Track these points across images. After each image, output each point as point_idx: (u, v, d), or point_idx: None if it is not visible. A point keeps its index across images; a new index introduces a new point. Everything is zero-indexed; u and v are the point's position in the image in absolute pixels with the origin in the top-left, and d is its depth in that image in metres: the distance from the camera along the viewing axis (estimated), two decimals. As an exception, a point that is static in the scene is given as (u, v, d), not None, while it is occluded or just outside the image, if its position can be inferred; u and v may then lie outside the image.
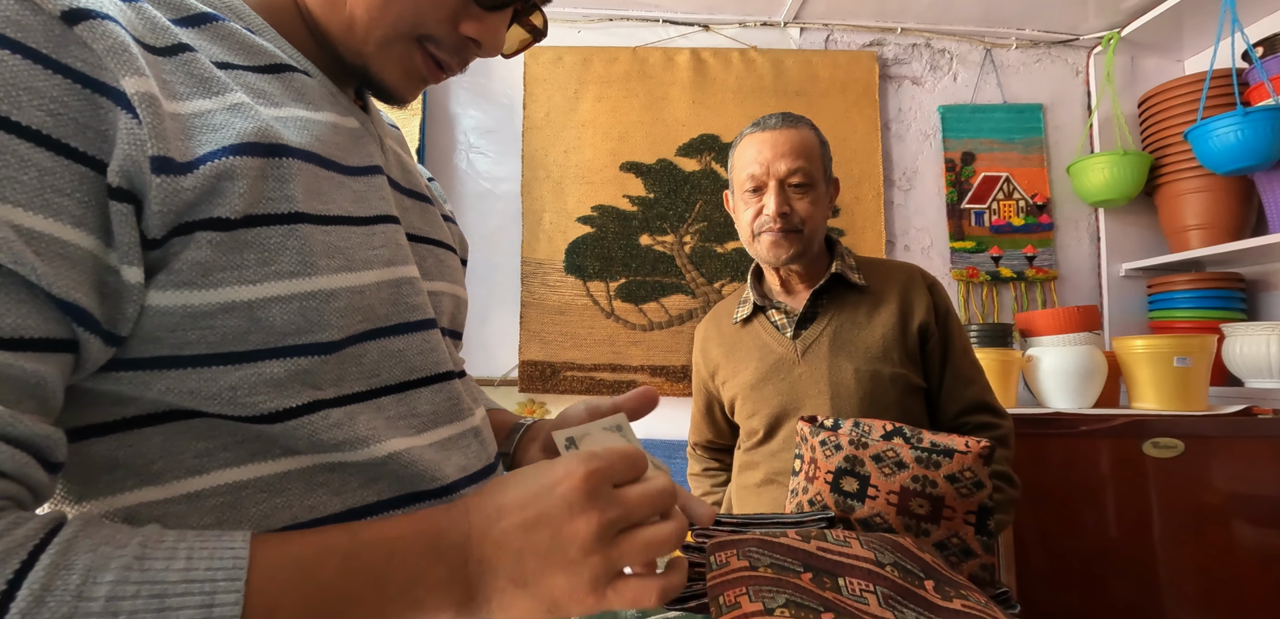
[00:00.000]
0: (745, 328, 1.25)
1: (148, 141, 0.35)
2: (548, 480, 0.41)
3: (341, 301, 0.42)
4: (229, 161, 0.38)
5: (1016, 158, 2.16)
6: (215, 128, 0.38)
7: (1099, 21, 2.11)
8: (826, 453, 0.91)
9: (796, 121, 1.16)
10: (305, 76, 0.47)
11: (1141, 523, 1.51)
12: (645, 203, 2.07)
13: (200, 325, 0.37)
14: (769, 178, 1.13)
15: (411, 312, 0.48)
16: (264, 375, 0.39)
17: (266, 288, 0.39)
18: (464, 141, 2.10)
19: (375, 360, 0.45)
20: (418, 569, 0.38)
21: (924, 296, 1.16)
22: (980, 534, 0.87)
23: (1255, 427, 1.47)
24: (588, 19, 2.11)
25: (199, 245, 0.37)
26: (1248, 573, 1.43)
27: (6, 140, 0.31)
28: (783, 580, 0.59)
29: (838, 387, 1.11)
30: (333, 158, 0.46)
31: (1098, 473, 1.56)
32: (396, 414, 0.46)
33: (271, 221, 0.39)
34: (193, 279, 0.37)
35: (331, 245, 0.42)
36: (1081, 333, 1.74)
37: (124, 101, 0.34)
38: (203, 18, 0.43)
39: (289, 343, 0.40)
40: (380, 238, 0.47)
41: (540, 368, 2.01)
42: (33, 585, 0.29)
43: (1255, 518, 1.44)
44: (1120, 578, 1.51)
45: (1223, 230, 1.86)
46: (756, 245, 1.17)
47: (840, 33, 2.18)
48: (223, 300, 0.37)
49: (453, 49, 0.50)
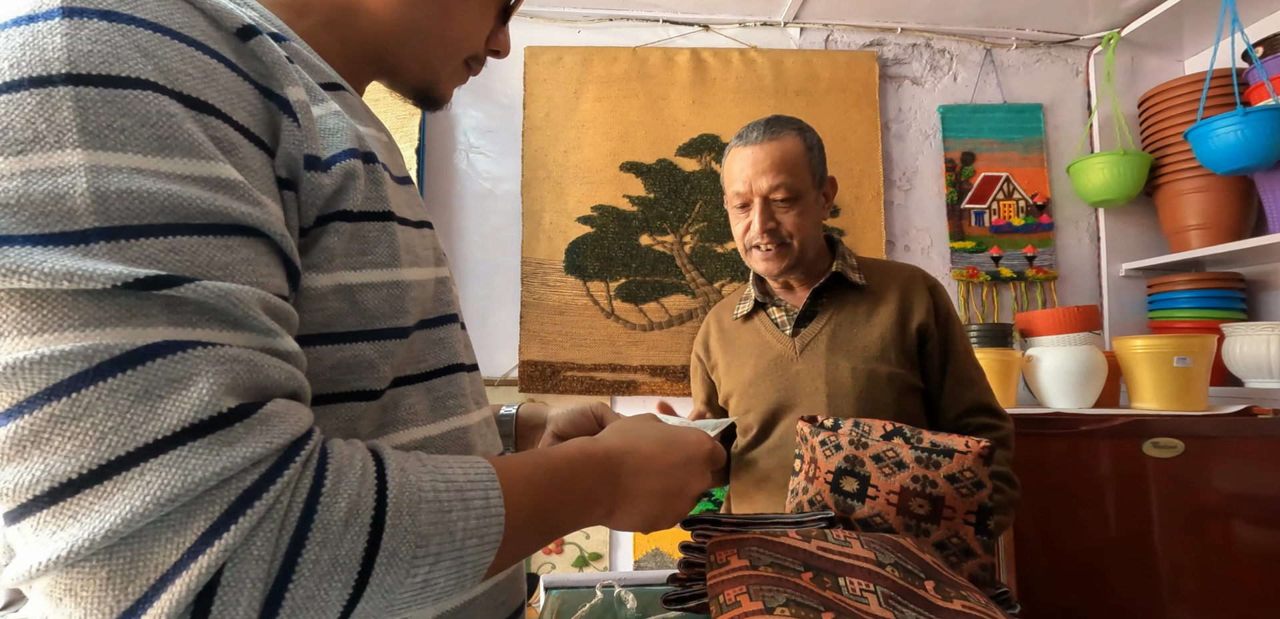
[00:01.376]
0: (746, 324, 1.25)
1: (303, 141, 0.40)
2: (685, 440, 0.58)
3: (414, 292, 0.47)
4: (353, 163, 0.43)
5: (1016, 158, 2.16)
6: (334, 130, 0.43)
7: (1099, 21, 2.11)
8: (826, 453, 0.91)
9: (780, 131, 1.13)
10: (349, 93, 0.51)
11: (1141, 523, 1.51)
12: (645, 203, 2.07)
13: (313, 306, 0.41)
14: (753, 195, 1.13)
15: (447, 306, 0.53)
16: (360, 356, 0.43)
17: (365, 274, 0.43)
18: (464, 141, 2.10)
19: (422, 348, 0.49)
20: (590, 485, 0.50)
21: (924, 298, 1.16)
22: (980, 534, 0.87)
23: (1255, 427, 1.47)
24: (588, 19, 2.11)
25: (330, 234, 0.41)
26: (1248, 573, 1.43)
27: (237, 137, 0.36)
28: (783, 580, 0.59)
29: (834, 385, 1.12)
30: (389, 167, 0.50)
31: (1098, 473, 1.56)
32: (445, 394, 0.51)
33: (374, 218, 0.44)
34: (319, 263, 0.41)
35: (407, 243, 0.47)
36: (1081, 333, 1.74)
37: (287, 107, 0.39)
38: (277, 37, 0.45)
39: (378, 326, 0.44)
40: (427, 240, 0.52)
41: (540, 368, 2.01)
42: (394, 478, 0.37)
43: (1255, 518, 1.44)
44: (1120, 578, 1.51)
45: (1223, 230, 1.86)
46: (750, 259, 1.18)
47: (840, 33, 2.18)
48: (334, 283, 0.42)
49: (481, 61, 0.60)
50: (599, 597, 1.03)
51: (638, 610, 0.98)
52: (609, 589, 1.05)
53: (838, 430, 0.93)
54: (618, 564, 1.98)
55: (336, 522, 0.33)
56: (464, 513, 0.39)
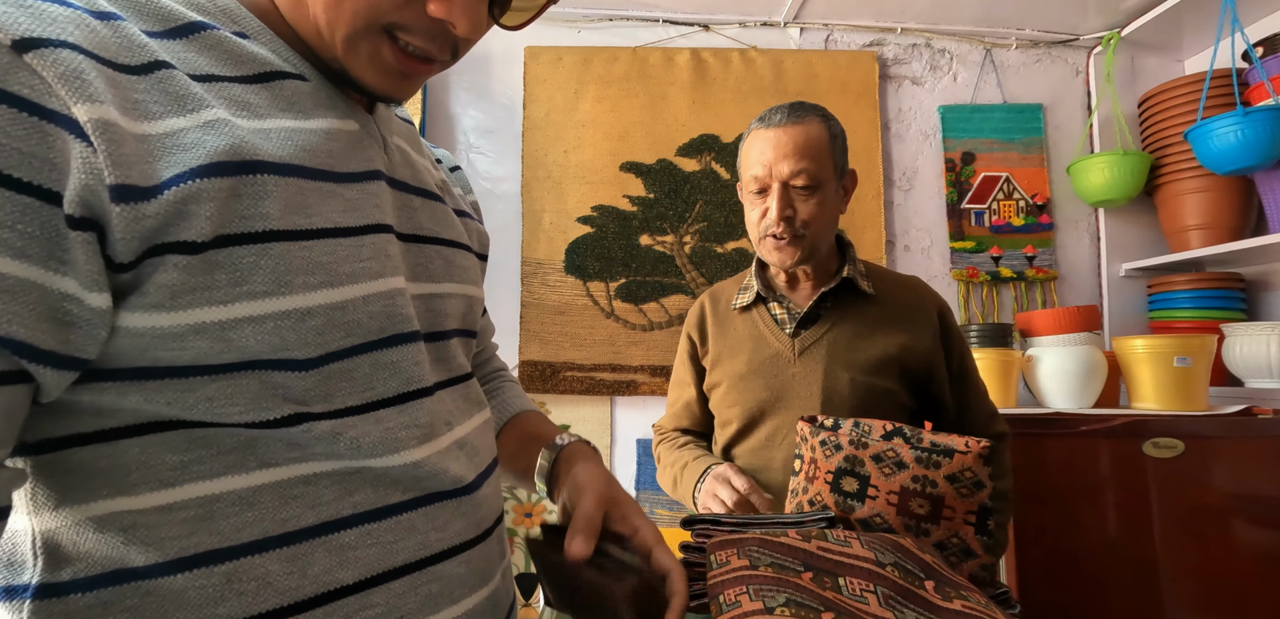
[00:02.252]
0: (743, 315, 1.21)
1: (104, 170, 0.34)
2: None
3: (319, 319, 0.42)
4: (196, 185, 0.37)
5: (1016, 158, 2.16)
6: (186, 147, 0.37)
7: (1099, 21, 2.11)
8: (826, 453, 0.91)
9: (804, 115, 1.09)
10: (299, 81, 0.46)
11: (1141, 523, 1.51)
12: (645, 203, 2.07)
13: (171, 345, 0.37)
14: (772, 180, 1.08)
15: (403, 323, 0.48)
16: (240, 388, 0.40)
17: (238, 309, 0.38)
18: (464, 141, 2.10)
19: (367, 374, 0.45)
20: None
21: (933, 323, 1.13)
22: (980, 534, 0.87)
23: (1255, 427, 1.47)
24: (588, 19, 2.11)
25: (167, 268, 0.36)
26: (1248, 573, 1.43)
27: None
28: (783, 580, 0.59)
29: (831, 393, 1.09)
30: (322, 167, 0.45)
31: (1098, 473, 1.56)
32: (397, 424, 0.46)
33: (245, 241, 0.39)
34: (161, 302, 0.36)
35: (312, 262, 0.42)
36: (1081, 333, 1.74)
37: (76, 129, 0.33)
38: (191, 27, 0.43)
39: (263, 358, 0.40)
40: (369, 248, 0.46)
41: (540, 368, 2.01)
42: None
43: (1255, 518, 1.44)
44: (1120, 578, 1.51)
45: (1223, 230, 1.86)
46: (763, 248, 1.14)
47: (840, 33, 2.18)
48: (192, 322, 0.37)
49: (426, 34, 0.45)
50: (599, 597, 1.03)
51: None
52: (609, 589, 1.05)
53: (838, 430, 0.93)
54: (618, 564, 1.98)
55: None
56: None
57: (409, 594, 0.46)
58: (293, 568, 0.41)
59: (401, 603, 0.45)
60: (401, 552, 0.46)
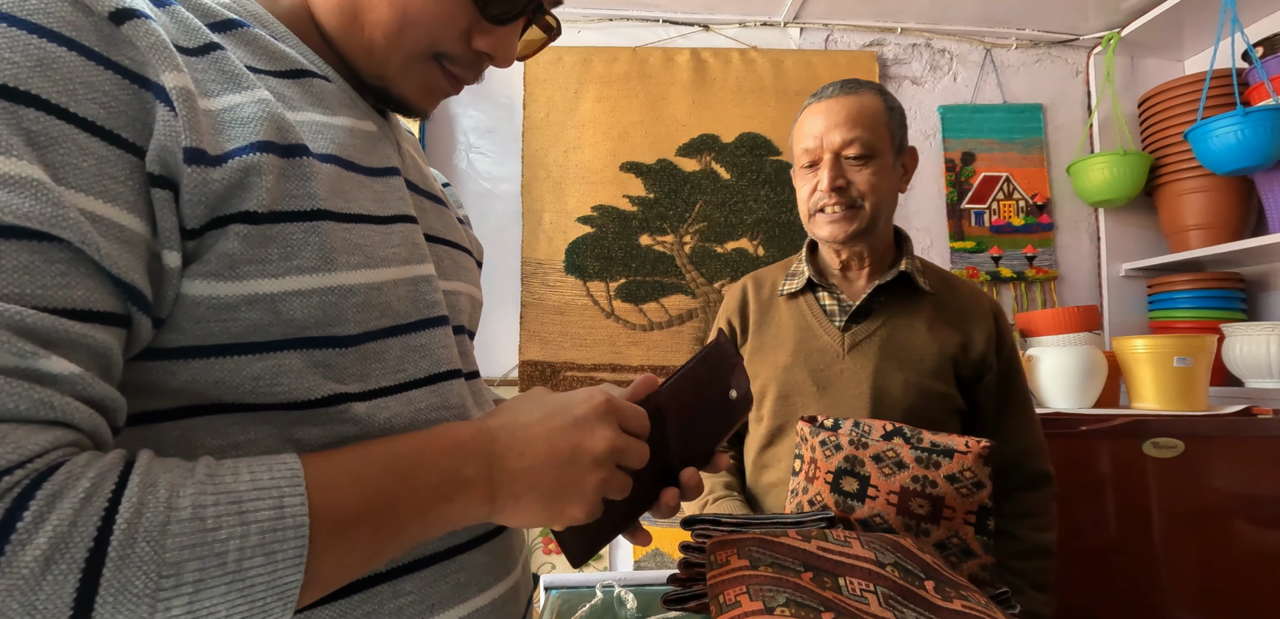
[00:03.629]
0: (789, 303, 1.13)
1: (182, 133, 0.37)
2: (570, 400, 0.47)
3: (359, 297, 0.44)
4: (256, 158, 0.39)
5: (1016, 158, 2.16)
6: (244, 121, 0.40)
7: (1099, 21, 2.11)
8: (826, 453, 0.91)
9: (857, 88, 1.05)
10: (325, 82, 0.49)
11: (1141, 523, 1.51)
12: (645, 203, 2.07)
13: (225, 316, 0.39)
14: (824, 150, 1.03)
15: (430, 308, 0.50)
16: (284, 366, 0.41)
17: (288, 282, 0.40)
18: (464, 141, 2.10)
19: (398, 356, 0.47)
20: (445, 470, 0.42)
21: (988, 324, 1.08)
22: (980, 534, 0.87)
23: (1255, 426, 1.47)
24: (588, 19, 2.11)
25: (229, 238, 0.38)
26: (1248, 573, 1.43)
27: (69, 130, 0.34)
28: (783, 579, 0.59)
29: (881, 393, 1.02)
30: (352, 159, 0.47)
31: (1098, 473, 1.56)
32: (428, 404, 0.48)
33: (295, 218, 0.41)
34: (221, 270, 0.38)
35: (352, 243, 0.44)
36: (1081, 333, 1.74)
37: (163, 95, 0.37)
38: (229, 24, 0.45)
39: (308, 334, 0.41)
40: (397, 236, 0.48)
41: (540, 368, 2.01)
42: (130, 498, 0.32)
43: (1255, 518, 1.44)
44: (1120, 578, 1.51)
45: (1223, 230, 1.86)
46: (814, 225, 1.07)
47: (840, 33, 2.18)
48: (248, 292, 0.39)
49: (467, 64, 0.52)
50: (599, 597, 1.04)
51: (638, 610, 0.98)
52: (609, 589, 1.05)
53: (838, 430, 0.93)
54: (618, 564, 1.98)
55: (29, 562, 0.28)
56: (240, 528, 0.33)
57: (439, 582, 0.47)
58: None
59: (432, 591, 0.46)
60: (431, 541, 0.46)
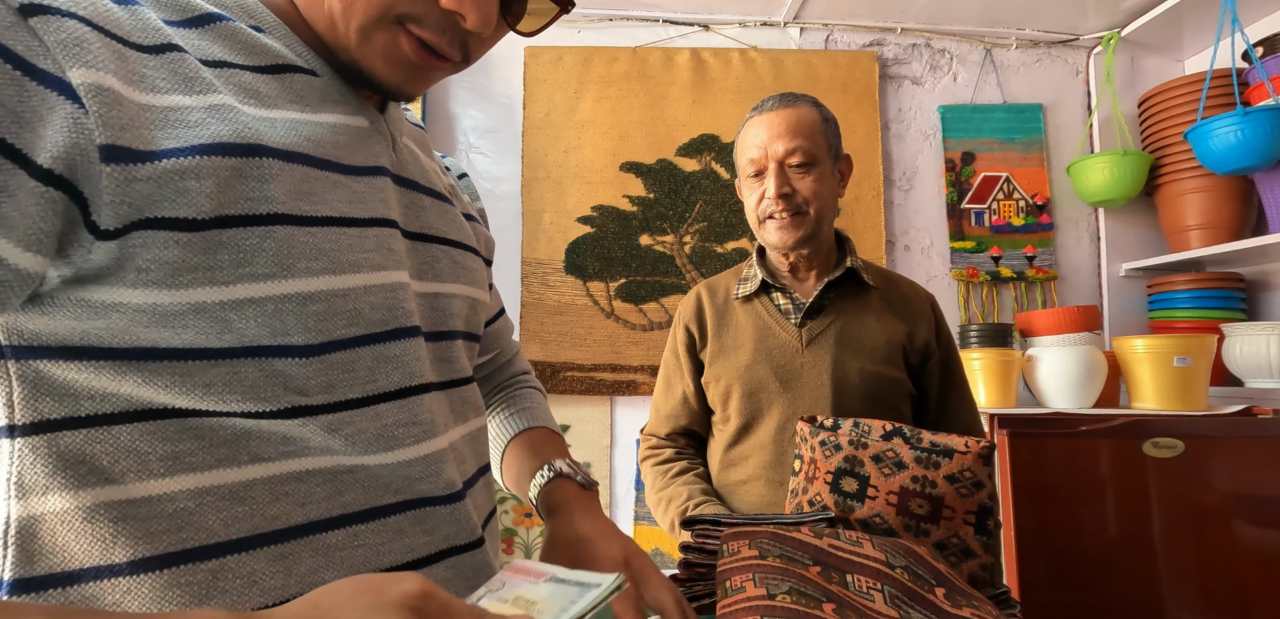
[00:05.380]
0: (745, 305, 1.19)
1: (95, 130, 0.35)
2: (380, 582, 0.33)
3: (320, 305, 0.42)
4: (195, 161, 0.37)
5: (1016, 158, 2.16)
6: (189, 125, 0.38)
7: (1099, 21, 2.11)
8: (826, 453, 0.91)
9: (795, 100, 1.13)
10: (310, 76, 0.47)
11: (1141, 523, 1.51)
12: (645, 203, 2.07)
13: (171, 325, 0.37)
14: (768, 160, 1.10)
15: (405, 317, 0.48)
16: (239, 375, 0.39)
17: (240, 290, 0.39)
18: (464, 141, 2.10)
19: (370, 367, 0.45)
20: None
21: (929, 314, 1.18)
22: (980, 534, 0.87)
23: (1255, 427, 1.47)
24: (588, 19, 2.11)
25: (165, 245, 0.37)
26: (1248, 573, 1.43)
27: None
28: (789, 570, 0.60)
29: (841, 383, 1.10)
30: (328, 157, 0.45)
31: (1098, 473, 1.56)
32: (394, 421, 0.46)
33: (248, 222, 0.39)
34: (162, 279, 0.37)
35: (315, 247, 0.42)
36: (1081, 333, 1.74)
37: (67, 91, 0.34)
38: (207, 18, 0.44)
39: (263, 343, 0.40)
40: (372, 241, 0.46)
41: (540, 368, 2.01)
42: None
43: (1255, 518, 1.44)
44: (1120, 578, 1.51)
45: (1223, 230, 1.86)
46: (763, 232, 1.14)
47: (840, 33, 2.18)
48: (192, 301, 0.38)
49: (437, 26, 0.46)
50: (599, 597, 1.03)
51: (638, 610, 0.98)
52: (609, 589, 1.05)
53: (837, 430, 0.93)
54: (618, 564, 1.98)
55: None
56: None
57: None
58: (279, 567, 0.41)
59: None
60: (388, 554, 0.45)
